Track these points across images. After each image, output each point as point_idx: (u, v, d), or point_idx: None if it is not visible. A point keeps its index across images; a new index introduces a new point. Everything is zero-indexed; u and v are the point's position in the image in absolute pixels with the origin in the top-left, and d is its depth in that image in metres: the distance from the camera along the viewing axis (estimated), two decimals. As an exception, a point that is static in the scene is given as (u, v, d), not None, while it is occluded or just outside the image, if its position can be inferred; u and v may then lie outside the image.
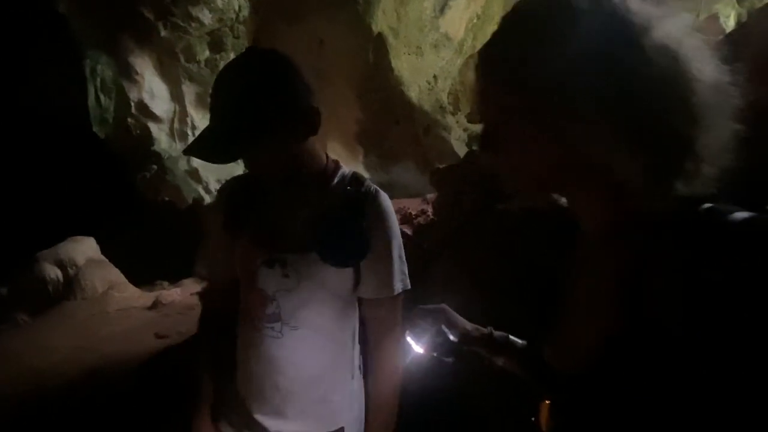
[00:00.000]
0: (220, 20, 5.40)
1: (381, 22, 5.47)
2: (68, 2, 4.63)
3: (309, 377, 0.90)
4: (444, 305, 0.77)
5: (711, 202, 0.44)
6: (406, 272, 0.91)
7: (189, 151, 0.84)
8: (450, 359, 0.75)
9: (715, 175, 0.45)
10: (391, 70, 5.65)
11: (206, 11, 5.28)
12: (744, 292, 0.38)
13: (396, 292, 0.88)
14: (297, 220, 0.88)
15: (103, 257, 4.58)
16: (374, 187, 0.91)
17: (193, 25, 5.26)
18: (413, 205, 4.74)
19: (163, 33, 5.09)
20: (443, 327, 0.75)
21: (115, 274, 4.43)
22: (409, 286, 0.90)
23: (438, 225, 2.66)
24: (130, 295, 4.14)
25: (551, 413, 0.55)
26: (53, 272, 4.41)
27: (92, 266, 4.46)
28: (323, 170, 0.91)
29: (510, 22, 0.51)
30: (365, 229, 0.85)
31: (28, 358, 3.02)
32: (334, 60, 5.34)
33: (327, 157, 0.94)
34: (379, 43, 5.54)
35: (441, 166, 2.89)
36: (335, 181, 0.91)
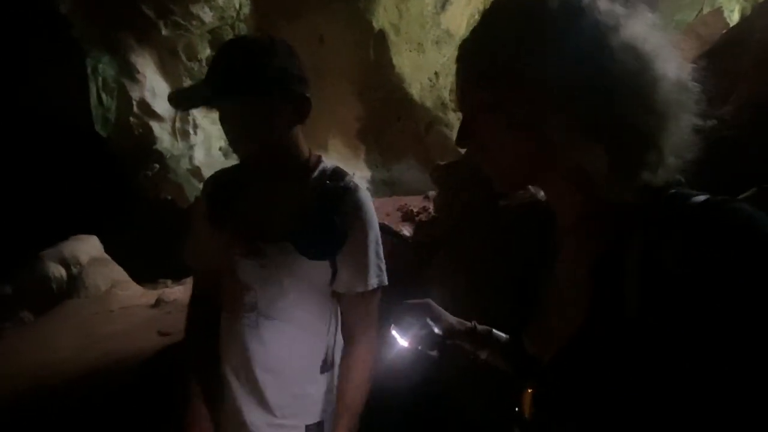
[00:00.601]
0: (221, 18, 5.40)
1: (382, 18, 5.44)
2: (70, 2, 4.64)
3: (284, 369, 0.90)
4: (429, 300, 0.78)
5: (678, 189, 0.46)
6: (384, 269, 0.91)
7: (177, 99, 0.86)
8: (434, 352, 0.75)
9: (678, 165, 0.46)
10: (393, 66, 5.63)
11: (207, 9, 5.28)
12: (698, 272, 0.39)
13: (371, 287, 0.89)
14: (276, 212, 0.89)
15: (106, 256, 4.61)
16: (354, 182, 0.92)
17: (194, 23, 5.25)
18: (415, 202, 4.73)
19: (164, 32, 5.09)
20: (428, 320, 0.75)
21: (118, 273, 4.47)
22: (386, 283, 0.91)
23: (439, 222, 2.65)
24: (133, 293, 4.17)
25: (533, 402, 0.56)
26: (57, 271, 4.45)
27: (95, 265, 4.50)
28: (305, 163, 0.93)
29: (486, 20, 0.53)
30: (342, 222, 0.86)
31: (31, 357, 3.05)
32: (334, 57, 5.32)
33: (310, 151, 0.94)
34: (380, 40, 5.51)
35: (442, 163, 2.87)
36: (315, 174, 0.92)
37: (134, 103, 5.47)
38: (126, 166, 5.53)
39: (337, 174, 0.93)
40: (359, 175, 5.74)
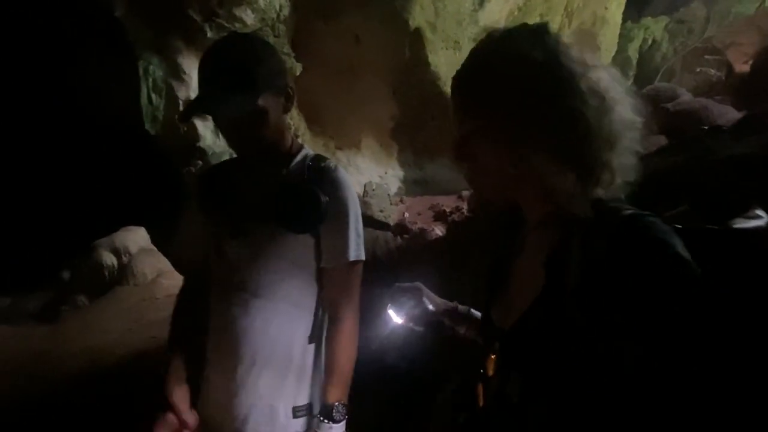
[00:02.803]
0: (262, 20, 5.56)
1: (418, 16, 5.42)
2: (124, 7, 4.93)
3: (272, 345, 0.94)
4: (419, 283, 0.89)
5: (616, 204, 0.58)
6: (362, 245, 0.95)
7: (186, 114, 0.92)
8: (421, 328, 0.87)
9: (623, 186, 0.61)
10: (428, 65, 5.60)
11: (249, 12, 5.45)
12: (614, 265, 0.52)
13: (350, 258, 0.93)
14: (261, 194, 0.94)
15: (153, 246, 4.88)
16: (335, 163, 0.97)
17: (237, 25, 5.44)
18: (448, 202, 4.70)
19: (209, 34, 5.31)
20: (425, 299, 0.87)
21: (164, 263, 4.72)
22: (363, 257, 0.95)
23: (472, 222, 2.63)
24: (176, 283, 4.39)
25: (496, 364, 0.68)
26: (109, 259, 4.77)
27: (143, 254, 4.78)
28: (288, 149, 0.98)
29: (479, 58, 0.64)
30: (322, 197, 0.90)
31: (85, 338, 3.30)
32: (370, 56, 5.36)
33: (293, 139, 1.01)
34: (416, 38, 5.49)
35: (475, 163, 2.83)
36: (298, 158, 0.98)
37: (180, 102, 5.74)
38: (172, 163, 5.83)
39: (318, 157, 1.00)
40: (391, 174, 5.75)
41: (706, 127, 3.45)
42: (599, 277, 0.53)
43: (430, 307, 0.86)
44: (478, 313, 0.86)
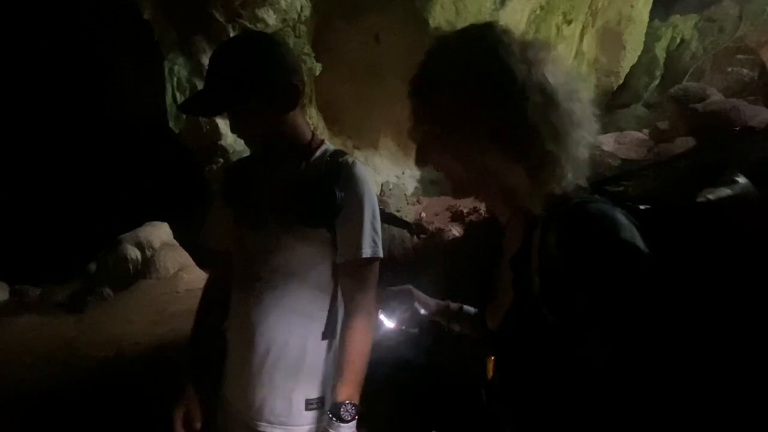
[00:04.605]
0: (284, 20, 5.64)
1: (439, 16, 5.40)
2: (151, 9, 5.07)
3: (286, 336, 0.94)
4: (410, 286, 0.89)
5: (572, 194, 0.58)
6: (379, 243, 0.95)
7: (183, 108, 0.97)
8: (415, 330, 0.88)
9: (576, 180, 0.60)
10: (448, 65, 5.58)
11: (271, 12, 5.53)
12: (563, 252, 0.53)
13: (365, 255, 0.92)
14: (279, 187, 0.96)
15: (174, 241, 5.02)
16: (353, 159, 0.97)
17: (259, 26, 5.54)
18: (465, 203, 4.66)
19: (232, 34, 5.42)
20: (416, 304, 0.87)
21: (185, 257, 4.85)
22: (381, 255, 0.94)
23: (489, 223, 2.60)
24: (196, 277, 4.51)
25: (494, 366, 0.70)
26: (134, 253, 4.93)
27: (166, 249, 4.91)
28: (307, 145, 0.99)
29: (428, 63, 0.66)
30: (338, 191, 0.91)
31: (110, 328, 3.41)
32: (389, 56, 5.37)
33: (313, 135, 1.01)
34: (436, 38, 5.47)
35: (494, 162, 2.80)
36: (317, 154, 0.98)
37: (203, 101, 5.86)
38: (194, 160, 5.97)
39: (338, 153, 1.00)
40: (408, 174, 5.74)
41: (737, 128, 3.32)
42: (554, 272, 0.53)
43: (422, 310, 0.86)
44: (471, 309, 0.87)
